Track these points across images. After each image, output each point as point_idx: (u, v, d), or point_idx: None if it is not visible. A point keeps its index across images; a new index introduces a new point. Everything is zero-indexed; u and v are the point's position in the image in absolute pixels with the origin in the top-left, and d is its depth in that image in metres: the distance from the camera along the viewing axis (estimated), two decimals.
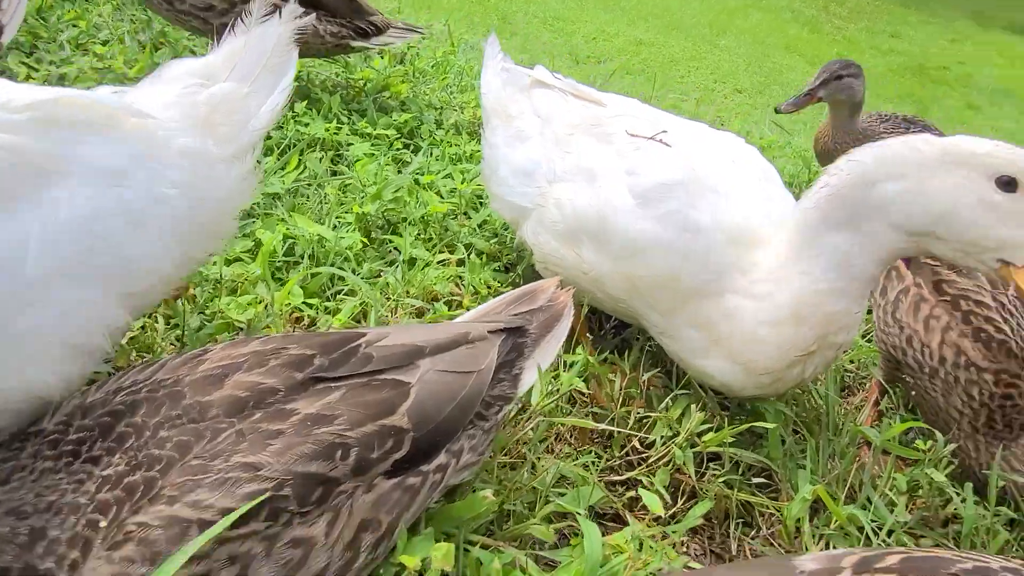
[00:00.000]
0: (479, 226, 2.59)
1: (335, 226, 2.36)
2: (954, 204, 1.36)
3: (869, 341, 2.42)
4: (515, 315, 1.53)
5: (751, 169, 1.83)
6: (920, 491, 1.76)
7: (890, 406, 2.27)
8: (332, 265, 2.14)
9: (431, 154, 3.03)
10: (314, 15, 1.91)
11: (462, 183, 2.76)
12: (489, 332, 1.41)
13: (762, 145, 4.74)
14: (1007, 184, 1.32)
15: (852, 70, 3.49)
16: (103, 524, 1.02)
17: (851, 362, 2.44)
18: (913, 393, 2.01)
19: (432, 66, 4.15)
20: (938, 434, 1.79)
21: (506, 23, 11.15)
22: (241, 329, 1.84)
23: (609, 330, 2.24)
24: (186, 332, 1.77)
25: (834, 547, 1.60)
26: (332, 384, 1.20)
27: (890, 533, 1.64)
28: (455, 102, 3.74)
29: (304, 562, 1.08)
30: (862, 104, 3.63)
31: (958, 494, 1.71)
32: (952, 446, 1.76)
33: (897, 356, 1.97)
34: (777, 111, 3.66)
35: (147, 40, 3.48)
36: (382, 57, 3.94)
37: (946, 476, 1.72)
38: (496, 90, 2.23)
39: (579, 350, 1.92)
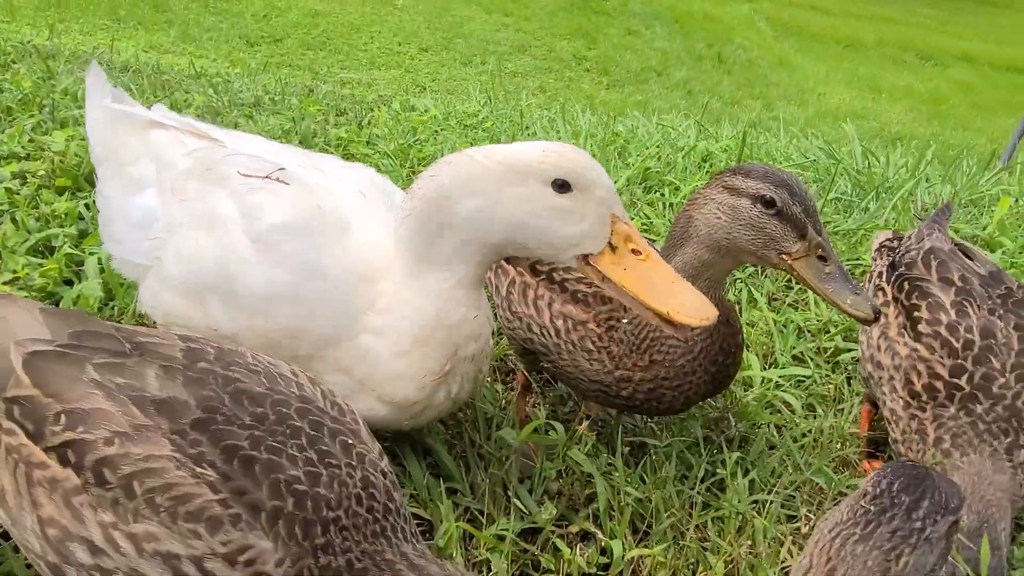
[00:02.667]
0: None
1: None
2: (524, 215, 1.44)
3: None
4: None
5: (381, 200, 1.74)
6: (569, 472, 1.82)
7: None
8: None
9: None
10: None
11: None
12: None
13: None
14: (561, 186, 1.42)
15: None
16: None
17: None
18: (556, 374, 2.02)
19: (19, 100, 3.33)
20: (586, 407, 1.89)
21: (160, 11, 9.99)
22: None
23: None
24: None
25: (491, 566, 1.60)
26: None
27: (540, 532, 1.67)
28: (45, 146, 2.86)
29: None
30: None
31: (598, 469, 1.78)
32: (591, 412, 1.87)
33: (529, 347, 1.98)
34: None
35: None
36: None
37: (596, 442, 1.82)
38: (104, 134, 1.86)
39: None
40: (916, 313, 1.91)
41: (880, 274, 2.13)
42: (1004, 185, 4.28)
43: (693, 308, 1.40)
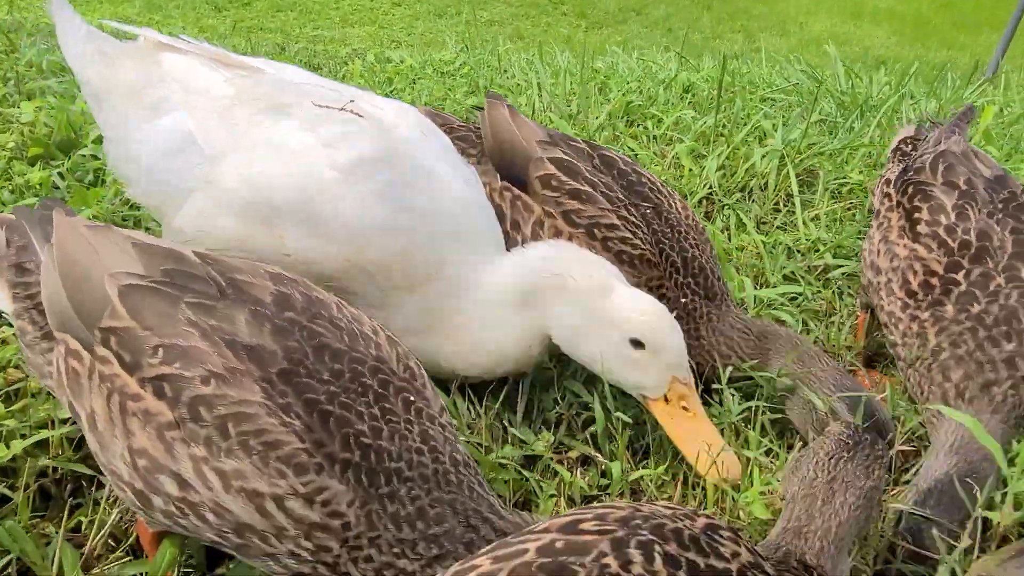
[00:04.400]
0: None
1: None
2: (601, 352, 1.63)
3: None
4: None
5: (436, 141, 1.81)
6: (566, 400, 1.85)
7: None
8: None
9: None
10: None
11: None
12: None
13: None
14: (636, 344, 1.60)
15: None
16: None
17: None
18: None
19: None
20: None
21: None
22: None
23: None
24: None
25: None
26: None
27: (538, 458, 1.70)
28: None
29: None
30: None
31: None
32: None
33: None
34: None
35: None
36: None
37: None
38: (96, 63, 1.79)
39: None
40: (917, 215, 1.91)
41: (889, 181, 2.12)
42: (988, 96, 4.25)
43: (721, 470, 1.57)
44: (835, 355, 2.15)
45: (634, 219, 1.91)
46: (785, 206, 2.88)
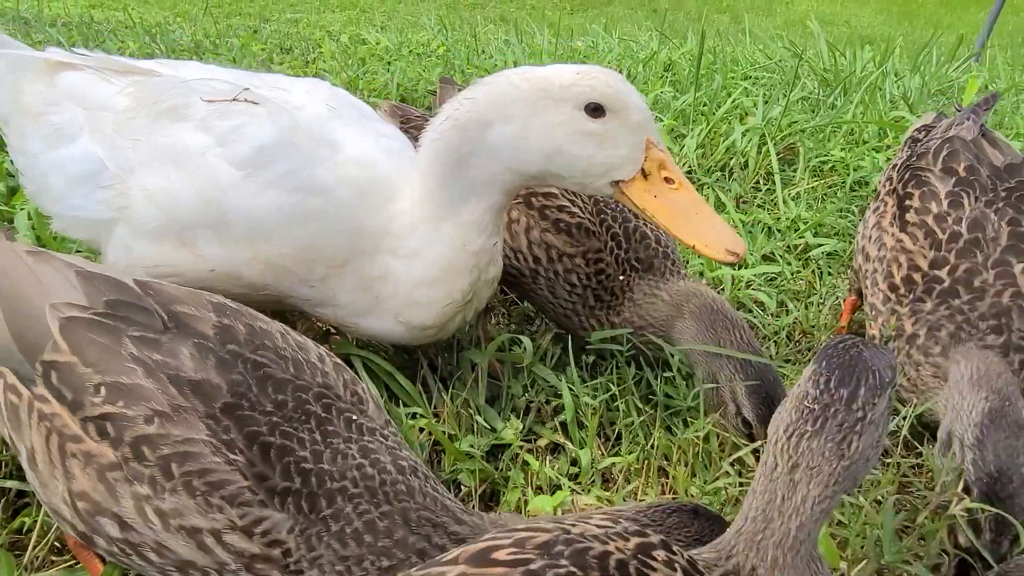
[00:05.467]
0: None
1: None
2: (558, 142, 1.38)
3: None
4: None
5: (350, 111, 1.68)
6: (535, 387, 1.78)
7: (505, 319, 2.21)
8: None
9: None
10: None
11: None
12: None
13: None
14: (595, 110, 1.36)
15: None
16: None
17: None
18: (525, 298, 2.00)
19: None
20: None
21: None
22: None
23: None
24: None
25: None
26: None
27: (507, 447, 1.64)
28: None
29: None
30: None
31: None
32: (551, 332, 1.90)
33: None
34: None
35: None
36: None
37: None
38: (5, 85, 1.70)
39: None
40: (907, 202, 1.83)
41: (896, 166, 2.02)
42: (973, 72, 4.19)
43: (720, 242, 1.35)
44: (812, 336, 2.09)
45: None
46: (765, 184, 2.82)
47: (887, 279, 1.78)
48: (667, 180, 1.41)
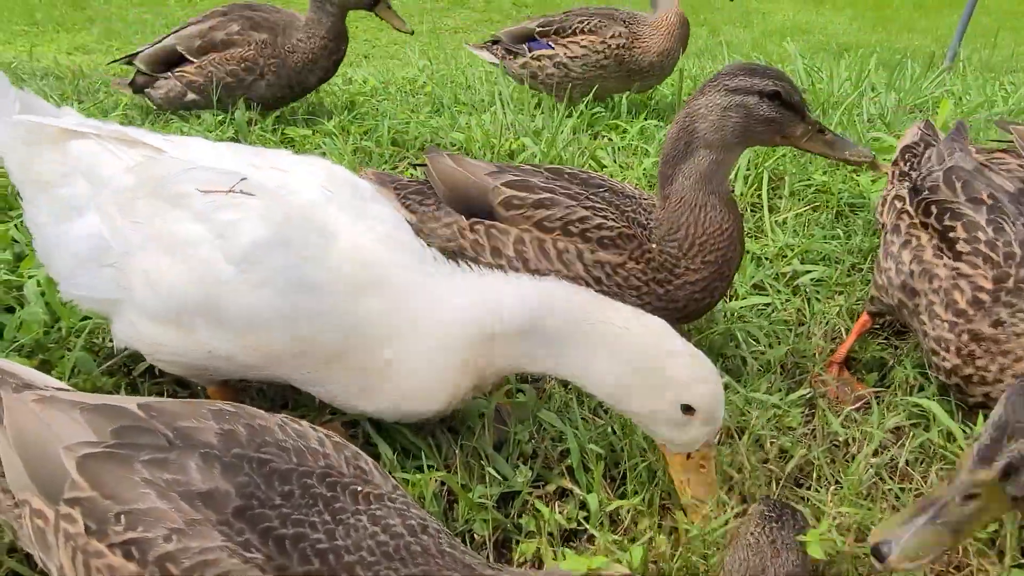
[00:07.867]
0: None
1: None
2: (645, 410, 1.56)
3: None
4: None
5: (345, 191, 1.71)
6: (541, 432, 1.84)
7: None
8: None
9: None
10: None
11: None
12: None
13: None
14: (687, 409, 1.53)
15: None
16: None
17: None
18: None
19: None
20: None
21: (79, 9, 9.60)
22: None
23: None
24: None
25: None
26: None
27: (517, 495, 1.70)
28: None
29: None
30: None
31: None
32: None
33: None
34: None
35: None
36: None
37: None
38: (19, 153, 1.75)
39: None
40: (952, 234, 1.89)
41: (900, 197, 2.11)
42: (947, 86, 4.30)
43: (703, 506, 1.60)
44: (803, 366, 2.16)
45: (599, 204, 2.00)
46: (753, 212, 2.90)
47: (950, 307, 1.84)
48: (701, 467, 1.61)
